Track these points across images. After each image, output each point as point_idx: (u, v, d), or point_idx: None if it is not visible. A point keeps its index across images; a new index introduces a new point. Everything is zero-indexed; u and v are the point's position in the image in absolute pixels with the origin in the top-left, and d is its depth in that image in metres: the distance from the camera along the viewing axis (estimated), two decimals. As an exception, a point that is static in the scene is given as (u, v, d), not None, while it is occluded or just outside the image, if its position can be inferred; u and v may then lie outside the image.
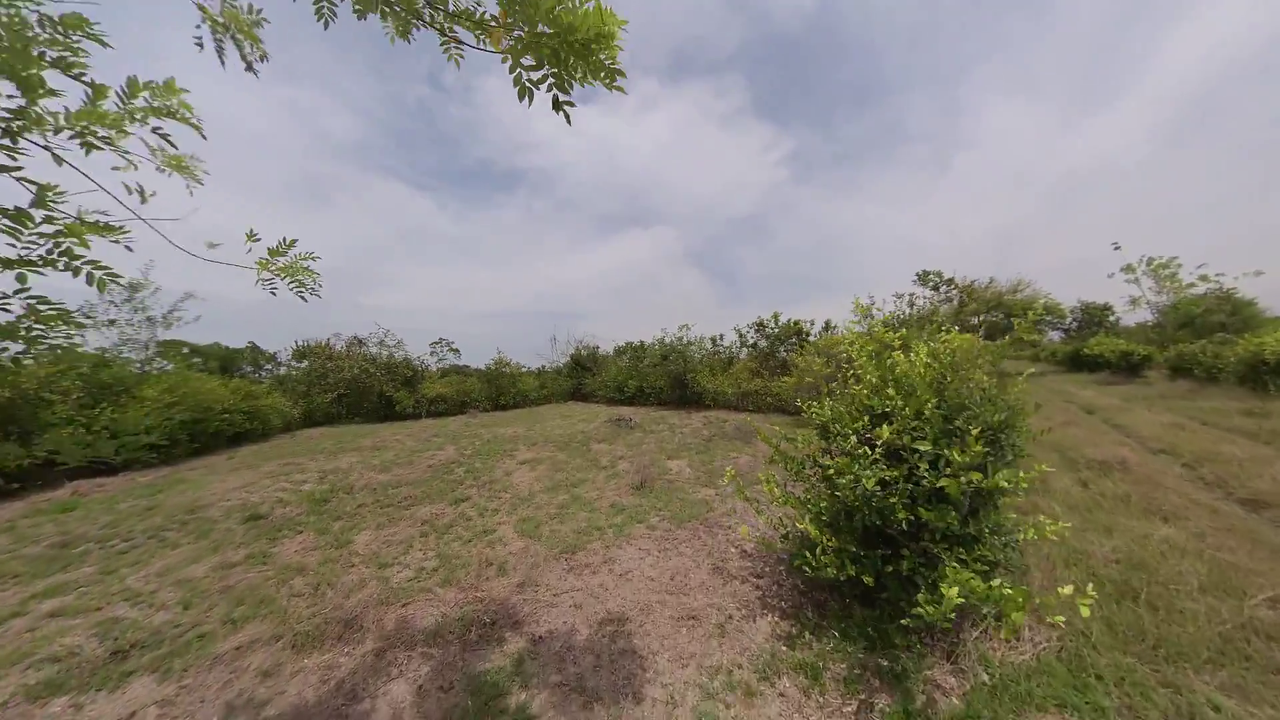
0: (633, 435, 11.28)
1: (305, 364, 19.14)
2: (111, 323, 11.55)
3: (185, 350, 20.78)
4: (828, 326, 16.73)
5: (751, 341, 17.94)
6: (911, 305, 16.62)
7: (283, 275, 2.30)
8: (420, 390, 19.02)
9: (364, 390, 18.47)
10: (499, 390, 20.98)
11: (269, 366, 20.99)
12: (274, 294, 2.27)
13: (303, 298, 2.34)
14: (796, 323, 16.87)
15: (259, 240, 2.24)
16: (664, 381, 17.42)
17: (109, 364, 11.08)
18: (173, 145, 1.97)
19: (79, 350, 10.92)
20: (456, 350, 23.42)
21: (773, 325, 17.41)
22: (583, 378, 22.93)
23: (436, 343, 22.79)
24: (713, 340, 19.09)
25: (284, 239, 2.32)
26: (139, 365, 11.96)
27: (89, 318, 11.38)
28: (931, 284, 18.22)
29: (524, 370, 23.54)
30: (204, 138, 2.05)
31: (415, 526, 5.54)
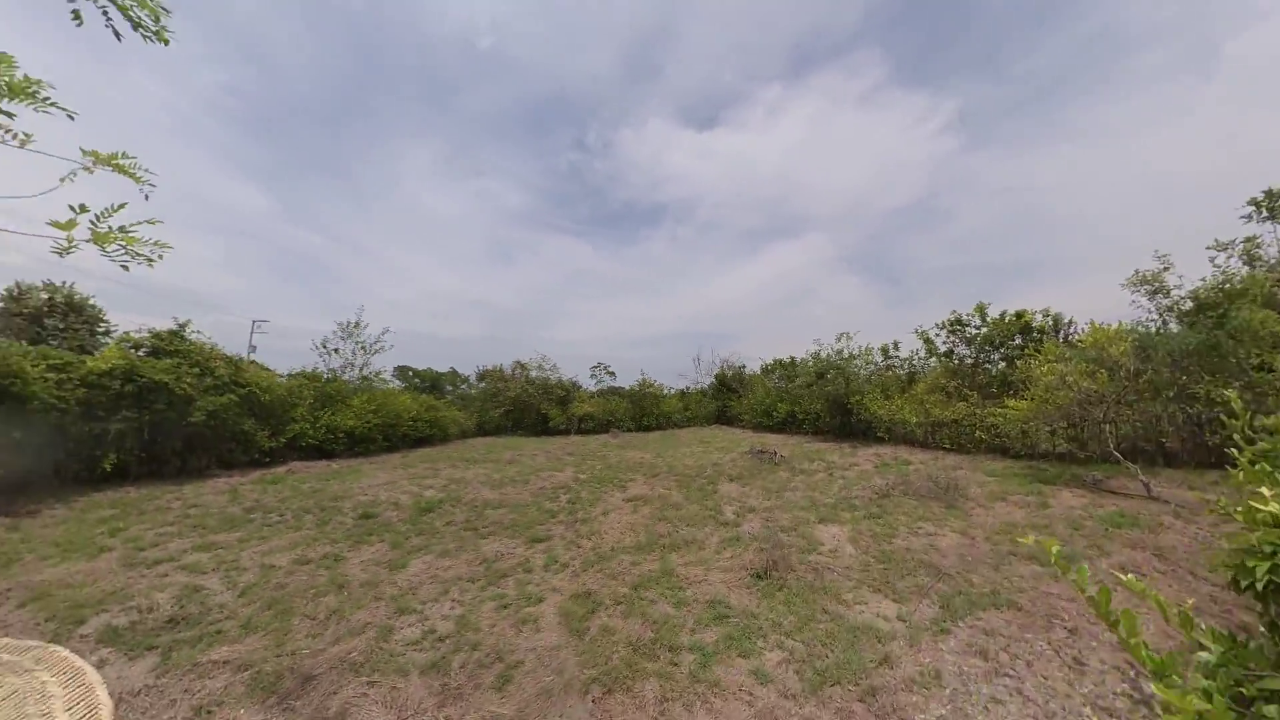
0: (775, 475, 8.48)
1: (483, 384, 21.05)
2: (336, 351, 13.78)
3: (410, 373, 25.06)
4: (1057, 323, 11.14)
5: (943, 349, 12.79)
6: (1251, 260, 9.86)
7: (101, 244, 1.78)
8: (571, 409, 19.06)
9: (525, 407, 19.26)
10: (642, 411, 19.99)
11: (463, 386, 23.81)
12: (61, 256, 1.75)
13: (124, 266, 1.85)
14: (1020, 315, 11.33)
15: (87, 212, 1.74)
16: (820, 405, 13.72)
17: (334, 380, 13.14)
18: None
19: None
20: (613, 373, 23.38)
21: (977, 322, 12.08)
22: (727, 400, 20.35)
23: (596, 367, 23.06)
24: (884, 351, 14.33)
25: (112, 205, 1.76)
26: (354, 382, 13.97)
27: (323, 346, 13.80)
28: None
29: (667, 392, 22.21)
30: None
31: (473, 565, 4.60)
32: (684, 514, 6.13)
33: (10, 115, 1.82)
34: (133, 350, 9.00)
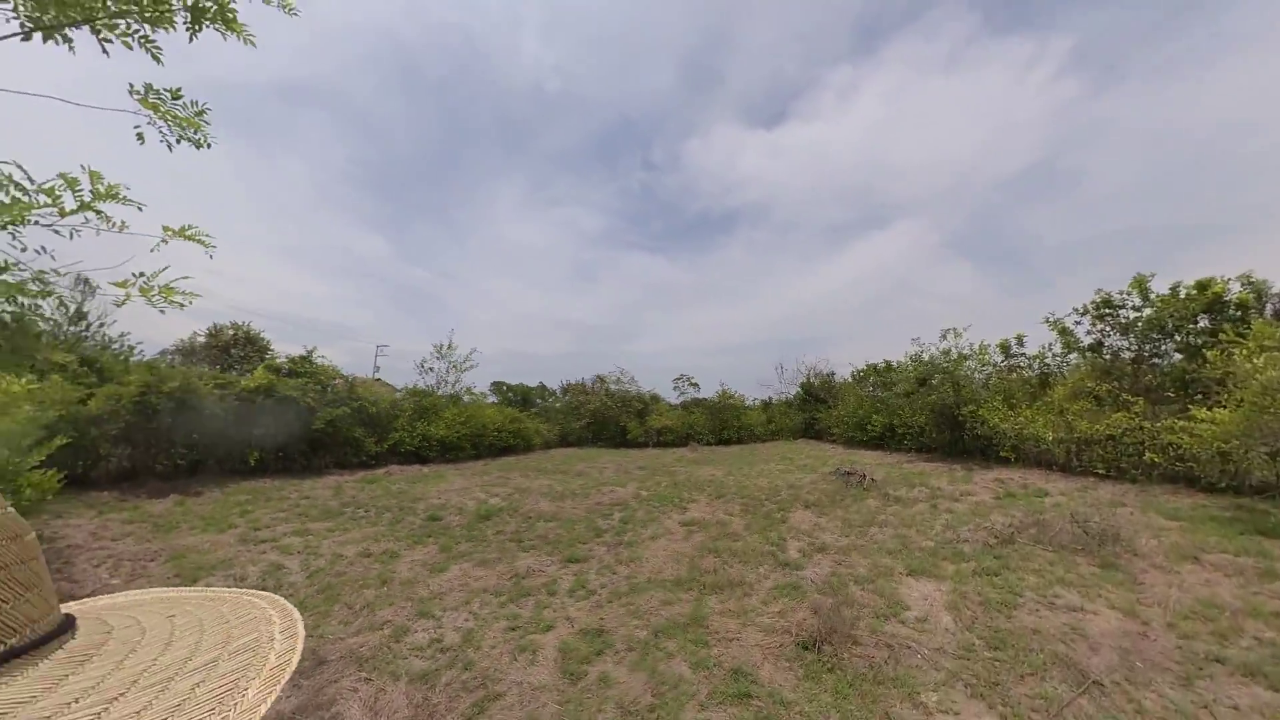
0: (862, 504, 7.12)
1: (566, 398, 21.65)
2: (430, 369, 15.09)
3: (504, 388, 26.77)
4: (1261, 295, 8.05)
5: (1088, 341, 9.87)
6: None
7: (145, 296, 2.37)
8: (648, 422, 18.70)
9: (605, 420, 19.34)
10: (722, 423, 18.90)
11: (550, 399, 24.74)
12: (118, 306, 2.41)
13: (162, 311, 2.42)
14: (1204, 285, 8.22)
15: (141, 276, 2.38)
16: (924, 417, 11.53)
17: (429, 395, 14.37)
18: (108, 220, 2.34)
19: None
20: (695, 385, 22.70)
21: (1136, 302, 9.04)
22: (815, 411, 18.34)
23: (678, 379, 22.56)
24: (1003, 348, 11.56)
25: (157, 269, 2.39)
26: (445, 397, 15.13)
27: (421, 365, 15.21)
28: None
29: (749, 404, 20.81)
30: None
31: (503, 578, 4.47)
32: (739, 547, 5.27)
33: (100, 213, 2.35)
34: (274, 373, 10.60)
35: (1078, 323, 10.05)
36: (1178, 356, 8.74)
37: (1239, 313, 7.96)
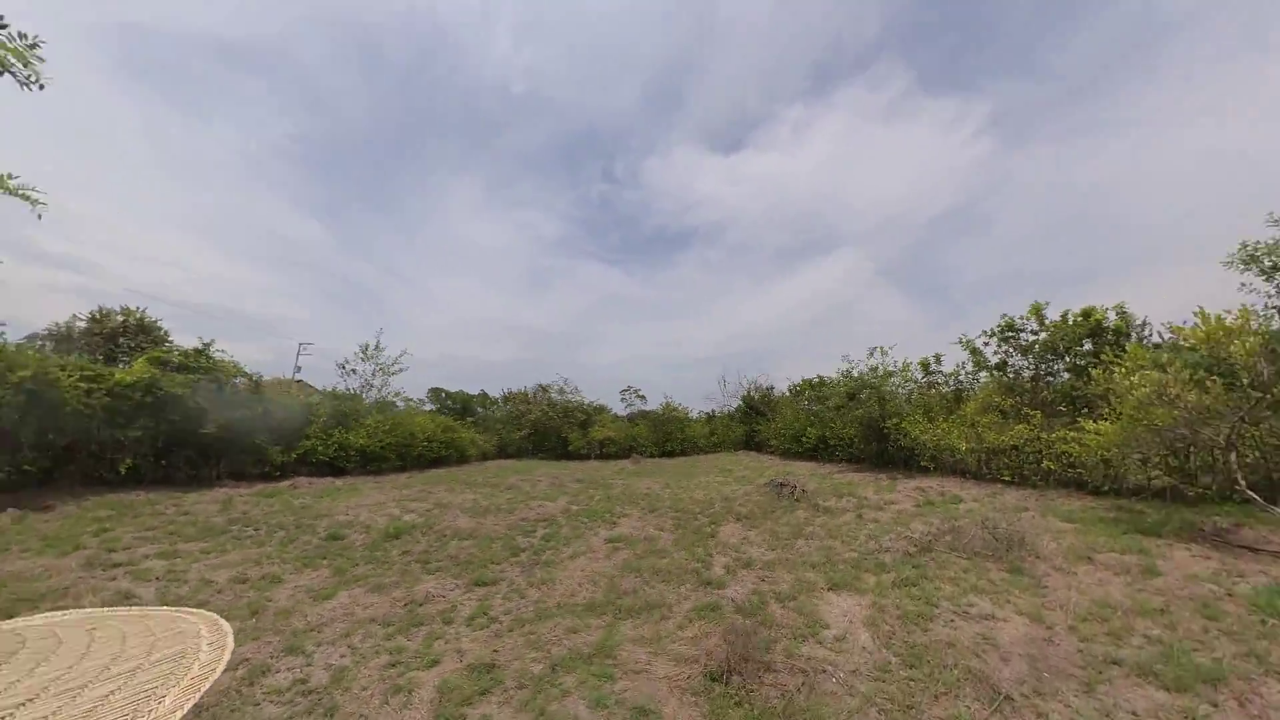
0: (792, 515, 7.03)
1: (507, 407, 20.62)
2: (354, 371, 13.69)
3: (443, 394, 25.14)
4: (1128, 324, 9.16)
5: (994, 361, 10.69)
6: None
7: None
8: (591, 433, 18.13)
9: (546, 430, 18.55)
10: (666, 435, 18.71)
11: (492, 408, 23.48)
12: None
13: None
14: (1088, 313, 9.14)
15: None
16: (853, 430, 11.95)
17: (351, 399, 12.97)
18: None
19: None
20: (643, 397, 22.35)
21: (1034, 326, 9.90)
22: (755, 424, 18.69)
23: (625, 390, 22.13)
24: (924, 366, 12.23)
25: None
26: (371, 403, 13.77)
27: (343, 367, 13.75)
28: None
29: (692, 416, 20.85)
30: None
31: (397, 605, 3.96)
32: (663, 565, 4.91)
33: None
34: (159, 366, 9.06)
35: (986, 343, 10.86)
36: (1067, 375, 9.59)
37: (1115, 338, 8.87)
